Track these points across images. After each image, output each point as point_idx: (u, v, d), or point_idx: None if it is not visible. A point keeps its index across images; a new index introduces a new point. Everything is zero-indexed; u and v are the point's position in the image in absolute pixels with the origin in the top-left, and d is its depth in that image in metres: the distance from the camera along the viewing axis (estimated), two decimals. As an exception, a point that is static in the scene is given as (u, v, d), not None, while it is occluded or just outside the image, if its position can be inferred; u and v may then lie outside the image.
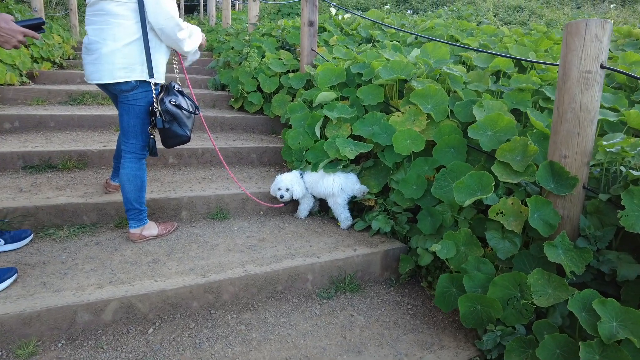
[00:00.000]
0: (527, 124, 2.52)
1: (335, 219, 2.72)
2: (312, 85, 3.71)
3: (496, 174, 1.97)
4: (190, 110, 2.21)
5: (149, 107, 2.12)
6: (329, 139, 2.77)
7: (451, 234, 2.01)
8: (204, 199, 2.65)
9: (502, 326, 1.69)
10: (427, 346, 1.82)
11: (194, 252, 2.21)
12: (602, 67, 1.69)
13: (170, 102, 2.11)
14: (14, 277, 1.83)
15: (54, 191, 2.53)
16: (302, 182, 2.75)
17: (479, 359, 1.74)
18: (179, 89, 2.23)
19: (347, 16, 5.86)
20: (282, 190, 2.70)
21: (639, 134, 2.21)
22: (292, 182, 2.70)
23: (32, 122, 3.39)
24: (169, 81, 2.23)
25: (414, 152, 2.40)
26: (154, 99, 2.09)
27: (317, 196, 2.77)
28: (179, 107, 2.14)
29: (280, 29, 5.22)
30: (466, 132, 2.30)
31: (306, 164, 2.87)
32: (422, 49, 2.95)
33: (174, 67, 2.35)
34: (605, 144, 1.75)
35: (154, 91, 2.09)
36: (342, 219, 2.62)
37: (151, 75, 2.06)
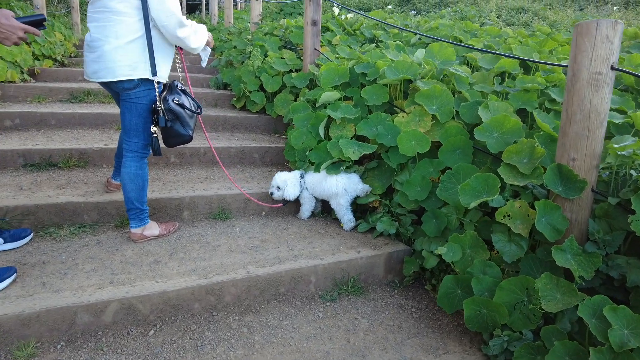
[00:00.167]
0: (533, 126, 2.49)
1: (338, 220, 2.69)
2: (315, 84, 3.68)
3: (502, 176, 1.94)
4: (193, 109, 2.18)
5: (152, 105, 2.09)
6: (333, 139, 2.74)
7: (457, 236, 1.98)
8: (206, 198, 2.62)
9: (509, 331, 1.66)
10: (432, 350, 1.79)
11: (196, 252, 2.18)
12: (612, 68, 1.67)
13: (173, 100, 2.08)
14: (13, 277, 1.81)
15: (54, 190, 2.50)
16: (297, 183, 2.70)
17: (485, 364, 1.71)
18: (182, 87, 2.20)
19: (349, 16, 5.83)
20: (273, 187, 2.68)
21: (646, 137, 2.18)
22: (285, 181, 2.67)
23: (33, 120, 3.37)
24: (171, 80, 2.20)
25: (418, 153, 2.37)
26: (157, 98, 2.06)
27: (319, 197, 2.73)
28: (182, 106, 2.11)
29: (283, 29, 5.20)
30: (472, 134, 2.28)
31: (309, 164, 2.83)
32: (427, 49, 2.92)
33: (177, 65, 2.32)
34: (615, 146, 1.72)
35: (156, 89, 2.06)
36: (345, 221, 2.59)
37: (154, 73, 2.03)
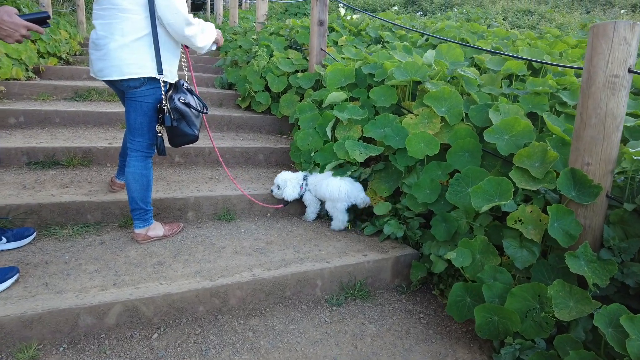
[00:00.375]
0: (543, 129, 2.45)
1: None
2: (321, 85, 3.65)
3: (514, 180, 1.90)
4: (198, 109, 2.15)
5: (157, 104, 2.06)
6: (339, 140, 2.71)
7: (467, 241, 1.94)
8: (211, 199, 2.59)
9: (521, 339, 1.62)
10: (440, 357, 1.75)
11: (200, 254, 2.15)
12: (630, 71, 1.63)
13: (179, 100, 2.05)
14: (15, 277, 1.78)
15: (58, 188, 2.47)
16: (298, 185, 2.65)
17: (495, 372, 1.67)
18: (187, 86, 2.17)
19: (355, 17, 5.80)
20: (274, 185, 2.66)
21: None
22: (285, 180, 2.64)
23: (37, 118, 3.35)
24: (177, 79, 2.17)
25: (427, 155, 2.33)
26: (163, 96, 2.03)
27: (320, 198, 2.67)
28: (188, 105, 2.09)
29: (288, 29, 5.17)
30: (481, 136, 2.24)
31: (314, 166, 2.80)
32: (436, 50, 2.88)
33: (182, 64, 2.30)
34: (632, 151, 1.68)
35: (162, 88, 2.04)
36: (338, 220, 2.54)
37: (160, 71, 2.00)
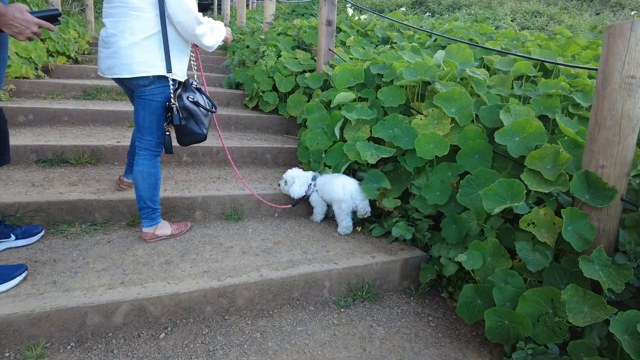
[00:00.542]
0: (555, 131, 2.41)
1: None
2: (328, 85, 3.63)
3: (526, 182, 1.88)
4: (207, 108, 2.14)
5: (166, 103, 2.05)
6: (349, 141, 2.69)
7: (478, 243, 1.91)
8: (219, 199, 2.58)
9: (533, 344, 1.59)
10: (450, 362, 1.73)
11: (208, 253, 2.14)
12: (647, 72, 1.59)
13: (188, 98, 2.04)
14: (24, 275, 1.78)
15: (66, 186, 2.48)
16: (306, 183, 2.64)
17: (506, 377, 1.65)
18: (196, 85, 2.16)
19: (363, 17, 5.78)
20: (282, 180, 2.68)
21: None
22: (293, 177, 2.64)
23: (46, 116, 3.37)
24: (186, 78, 2.16)
25: (437, 156, 2.30)
26: (172, 95, 2.03)
27: (326, 200, 2.64)
28: (197, 104, 2.08)
29: (296, 29, 5.16)
30: (491, 138, 2.21)
31: (324, 167, 2.77)
32: (446, 50, 2.85)
33: (192, 63, 2.29)
34: (648, 154, 1.65)
35: (171, 87, 2.03)
36: (342, 226, 2.52)
37: (169, 70, 1.99)
